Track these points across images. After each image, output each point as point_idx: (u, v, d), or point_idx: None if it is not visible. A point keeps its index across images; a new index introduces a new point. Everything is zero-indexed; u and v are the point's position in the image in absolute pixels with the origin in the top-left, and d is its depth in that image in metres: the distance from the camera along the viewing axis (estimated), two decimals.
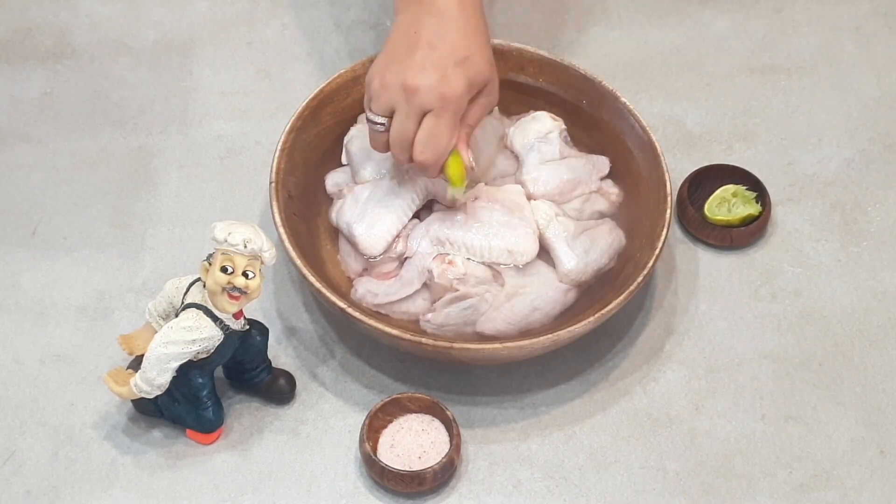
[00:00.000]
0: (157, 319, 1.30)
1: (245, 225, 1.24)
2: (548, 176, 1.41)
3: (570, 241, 1.37)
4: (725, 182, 1.48)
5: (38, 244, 1.44)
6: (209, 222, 1.26)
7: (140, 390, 1.26)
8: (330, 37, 1.62)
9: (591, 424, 1.35)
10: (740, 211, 1.45)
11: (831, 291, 1.43)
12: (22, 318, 1.39)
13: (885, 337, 1.40)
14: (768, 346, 1.40)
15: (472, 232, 1.35)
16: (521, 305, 1.35)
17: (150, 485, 1.30)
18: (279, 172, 1.38)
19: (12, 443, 1.32)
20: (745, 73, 1.60)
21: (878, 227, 1.48)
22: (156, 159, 1.51)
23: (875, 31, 1.64)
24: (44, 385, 1.35)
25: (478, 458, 1.32)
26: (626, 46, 1.61)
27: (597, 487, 1.31)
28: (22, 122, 1.53)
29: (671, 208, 1.37)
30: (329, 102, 1.44)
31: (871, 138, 1.55)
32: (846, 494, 1.31)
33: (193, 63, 1.59)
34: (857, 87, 1.59)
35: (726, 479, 1.31)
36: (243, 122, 1.54)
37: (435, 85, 1.29)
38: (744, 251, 1.46)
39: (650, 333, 1.40)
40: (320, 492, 1.30)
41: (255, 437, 1.33)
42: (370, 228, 1.37)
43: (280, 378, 1.34)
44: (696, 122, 1.55)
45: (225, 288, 1.23)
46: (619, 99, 1.43)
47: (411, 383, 1.36)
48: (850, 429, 1.35)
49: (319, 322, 1.40)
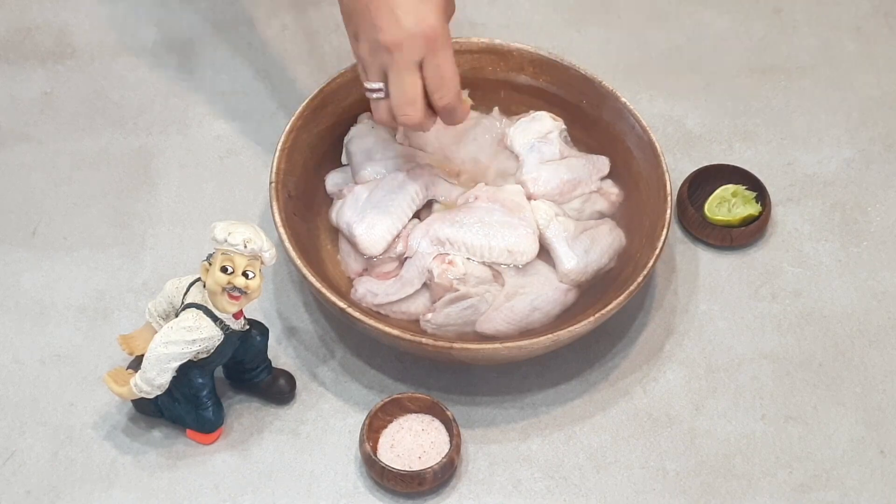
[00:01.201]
0: (157, 319, 1.30)
1: (245, 225, 1.24)
2: (548, 176, 1.41)
3: (570, 241, 1.37)
4: (725, 182, 1.48)
5: (38, 244, 1.44)
6: (209, 222, 1.26)
7: (140, 390, 1.26)
8: (330, 37, 1.62)
9: (591, 424, 1.35)
10: (740, 211, 1.45)
11: (831, 291, 1.43)
12: (22, 318, 1.39)
13: (885, 337, 1.41)
14: (768, 346, 1.40)
15: (472, 232, 1.35)
16: (521, 305, 1.35)
17: (150, 485, 1.30)
18: (279, 172, 1.38)
19: (12, 443, 1.32)
20: (745, 73, 1.60)
21: (878, 227, 1.48)
22: (156, 159, 1.51)
23: (875, 31, 1.64)
24: (44, 385, 1.35)
25: (478, 458, 1.32)
26: (626, 46, 1.62)
27: (597, 487, 1.31)
28: (22, 122, 1.53)
29: (671, 208, 1.37)
30: (329, 102, 1.44)
31: (871, 138, 1.55)
32: (846, 494, 1.31)
33: (193, 63, 1.59)
34: (857, 87, 1.59)
35: (726, 479, 1.32)
36: (243, 122, 1.54)
37: (415, 31, 1.25)
38: (744, 251, 1.46)
39: (650, 333, 1.40)
40: (320, 492, 1.30)
41: (255, 437, 1.33)
42: (370, 228, 1.37)
43: (280, 378, 1.34)
44: (696, 122, 1.55)
45: (225, 288, 1.23)
46: (619, 99, 1.43)
47: (411, 383, 1.36)
48: (850, 429, 1.35)
49: (319, 322, 1.40)
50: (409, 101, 1.29)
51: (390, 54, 1.27)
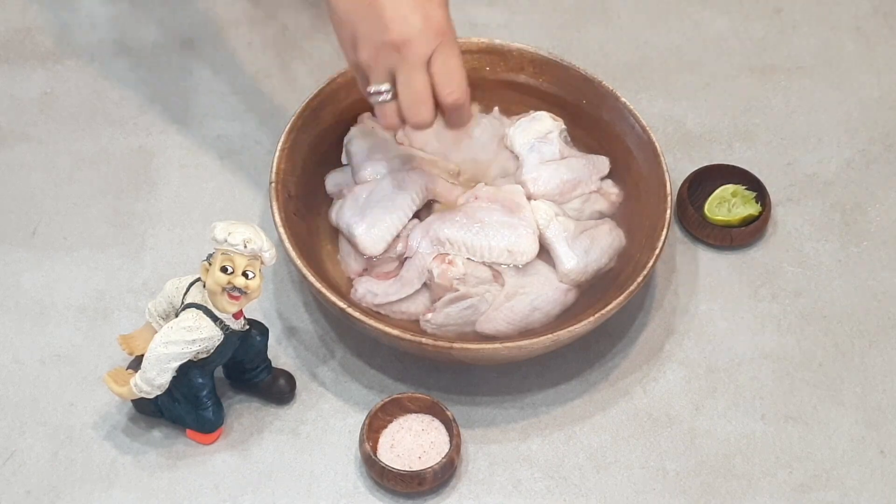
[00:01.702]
0: (157, 319, 1.30)
1: (245, 225, 1.24)
2: (548, 176, 1.41)
3: (570, 241, 1.37)
4: (725, 182, 1.48)
5: (38, 244, 1.44)
6: (209, 222, 1.26)
7: (140, 390, 1.26)
8: (330, 37, 1.61)
9: (591, 424, 1.35)
10: (740, 211, 1.45)
11: (831, 291, 1.43)
12: (22, 318, 1.39)
13: (885, 337, 1.40)
14: (768, 346, 1.40)
15: (472, 232, 1.35)
16: (521, 305, 1.35)
17: (150, 485, 1.30)
18: (279, 172, 1.38)
19: (12, 443, 1.32)
20: (745, 73, 1.60)
21: (878, 227, 1.48)
22: (156, 159, 1.51)
23: (875, 31, 1.64)
24: (44, 385, 1.35)
25: (478, 458, 1.32)
26: (626, 46, 1.62)
27: (597, 487, 1.31)
28: (22, 122, 1.53)
29: (671, 208, 1.37)
30: (329, 102, 1.44)
31: (871, 138, 1.55)
32: (846, 494, 1.31)
33: (193, 63, 1.59)
34: (857, 87, 1.59)
35: (726, 479, 1.31)
36: (243, 122, 1.54)
37: (423, 27, 1.24)
38: (744, 251, 1.46)
39: (650, 333, 1.40)
40: (320, 492, 1.30)
41: (255, 437, 1.33)
42: (370, 228, 1.37)
43: (280, 378, 1.34)
44: (696, 122, 1.55)
45: (225, 288, 1.23)
46: (619, 99, 1.43)
47: (411, 383, 1.36)
48: (850, 429, 1.35)
49: (319, 322, 1.40)
50: (422, 100, 1.27)
51: (399, 53, 1.25)
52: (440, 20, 1.25)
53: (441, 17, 1.25)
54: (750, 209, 1.45)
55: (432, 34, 1.25)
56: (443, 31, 1.25)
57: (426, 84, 1.26)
